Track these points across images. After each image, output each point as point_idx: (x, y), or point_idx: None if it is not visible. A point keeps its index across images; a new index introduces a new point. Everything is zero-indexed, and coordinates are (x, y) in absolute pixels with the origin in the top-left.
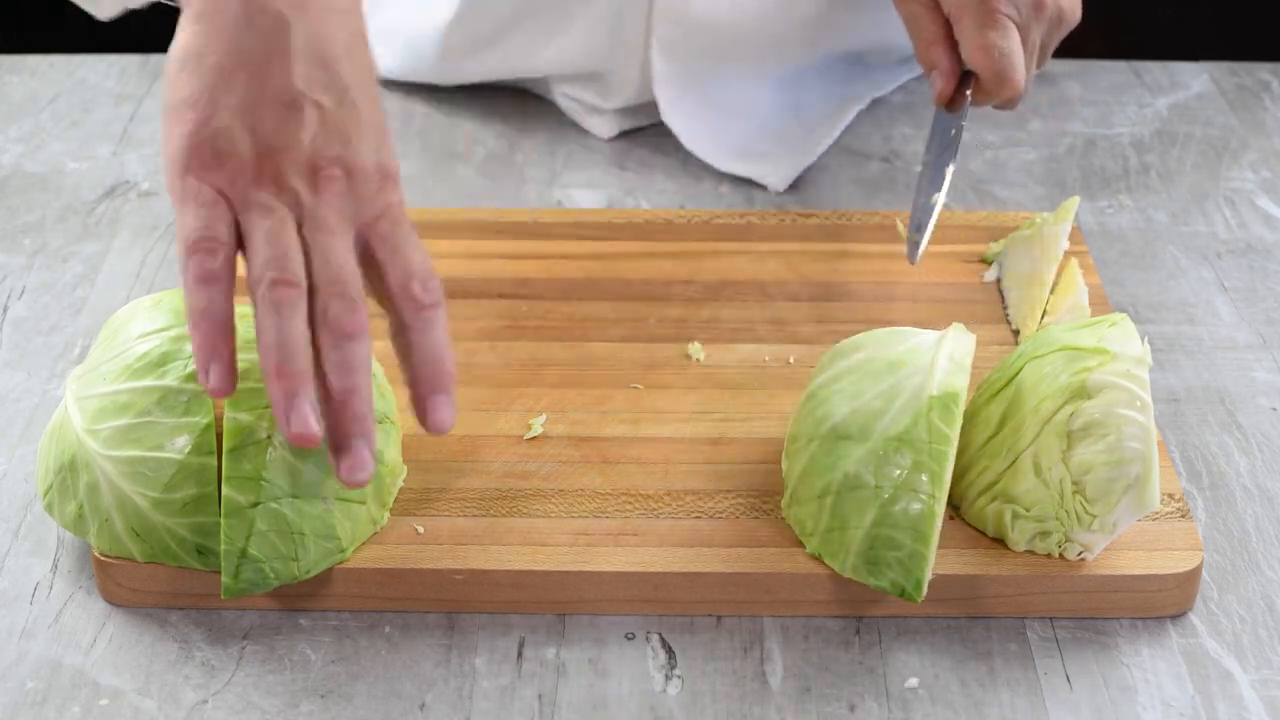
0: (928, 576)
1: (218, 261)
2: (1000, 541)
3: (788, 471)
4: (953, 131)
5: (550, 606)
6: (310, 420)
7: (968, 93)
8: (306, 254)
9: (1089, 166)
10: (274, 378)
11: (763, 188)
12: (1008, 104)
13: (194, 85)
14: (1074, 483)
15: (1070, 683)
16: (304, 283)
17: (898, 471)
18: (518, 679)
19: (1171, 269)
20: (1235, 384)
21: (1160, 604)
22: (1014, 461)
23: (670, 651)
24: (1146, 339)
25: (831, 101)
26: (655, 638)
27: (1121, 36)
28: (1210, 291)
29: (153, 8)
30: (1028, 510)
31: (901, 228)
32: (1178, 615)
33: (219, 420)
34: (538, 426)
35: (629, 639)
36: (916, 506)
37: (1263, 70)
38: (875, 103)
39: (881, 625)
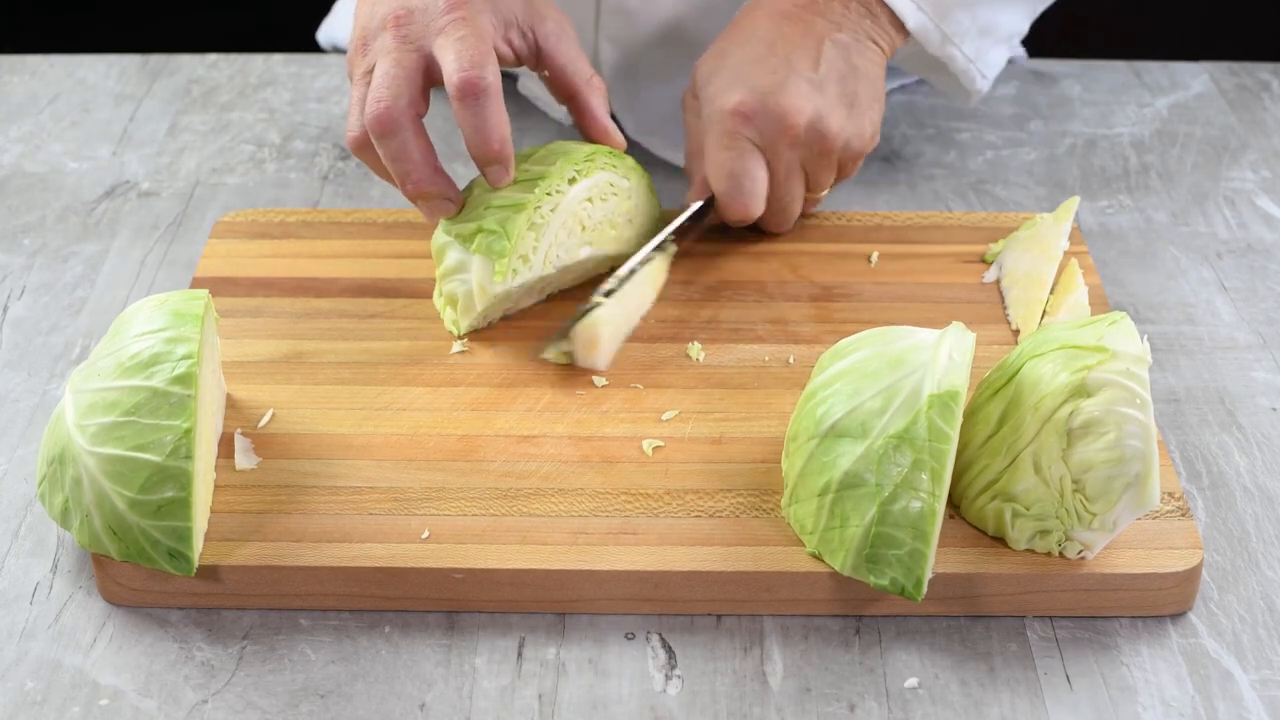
0: (928, 575)
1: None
2: (1000, 540)
3: (787, 471)
4: (687, 219)
5: (550, 606)
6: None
7: (709, 209)
8: None
9: (1089, 166)
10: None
11: None
12: (769, 227)
13: None
14: (1074, 481)
15: (1070, 683)
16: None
17: (897, 470)
18: (518, 679)
19: (1171, 269)
20: (1235, 384)
21: (1160, 603)
22: (1014, 460)
23: (670, 651)
24: (1146, 338)
25: None
26: (655, 638)
27: (1121, 36)
28: (1210, 291)
29: (152, 6)
30: (1027, 509)
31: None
32: (1178, 615)
33: None
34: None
35: (629, 639)
36: (916, 505)
37: (1263, 70)
38: None
39: (881, 625)
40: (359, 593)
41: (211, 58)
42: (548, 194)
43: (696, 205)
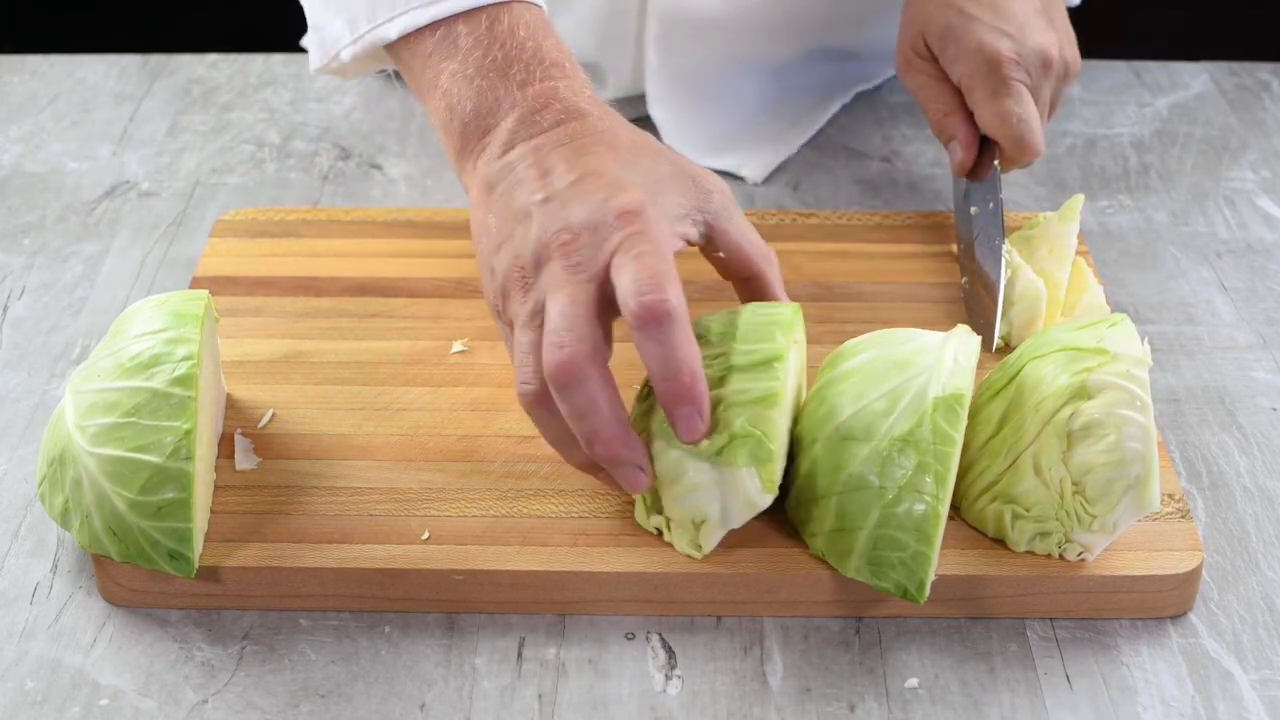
0: (931, 577)
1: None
2: (1000, 542)
3: (792, 471)
4: (991, 205)
5: (550, 606)
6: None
7: (995, 162)
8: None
9: (1089, 166)
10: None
11: (756, 183)
12: (1026, 165)
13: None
14: (1074, 483)
15: (1070, 683)
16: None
17: (901, 472)
18: (518, 679)
19: (1171, 269)
20: (1235, 384)
21: (1160, 604)
22: (1014, 461)
23: (670, 651)
24: (1147, 339)
25: (815, 95)
26: (655, 638)
27: (1121, 36)
28: (1210, 291)
29: (152, 6)
30: (1028, 510)
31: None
32: (1178, 615)
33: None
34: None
35: (629, 639)
36: (920, 507)
37: (1263, 70)
38: (875, 103)
39: (881, 625)
40: (359, 593)
41: (211, 58)
42: (784, 376)
43: (1001, 196)
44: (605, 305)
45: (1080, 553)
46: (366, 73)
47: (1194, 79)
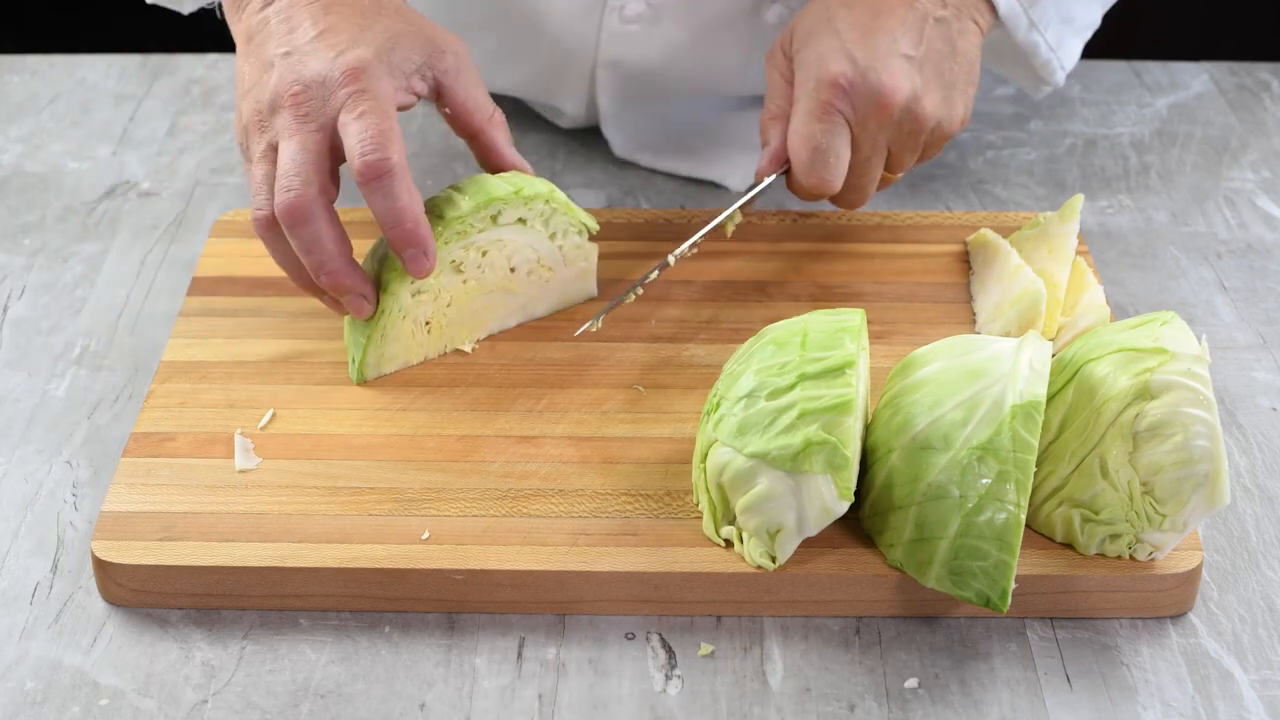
0: (1012, 586)
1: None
2: (1069, 546)
3: (866, 481)
4: (764, 183)
5: (550, 606)
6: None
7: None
8: None
9: (1089, 166)
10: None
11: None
12: (842, 204)
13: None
14: (1142, 484)
15: (1070, 683)
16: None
17: (983, 481)
18: (518, 679)
19: (1171, 269)
20: (1235, 384)
21: (1160, 604)
22: (1079, 465)
23: (670, 651)
24: (1204, 336)
25: None
26: (655, 638)
27: (1121, 36)
28: (1210, 291)
29: (152, 6)
30: (1097, 514)
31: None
32: (1178, 615)
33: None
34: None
35: (629, 639)
36: (1002, 516)
37: (1263, 70)
38: None
39: (881, 625)
40: (359, 593)
41: (211, 58)
42: (856, 383)
43: (769, 180)
44: (332, 153)
45: (1151, 553)
46: None
47: (1194, 79)
